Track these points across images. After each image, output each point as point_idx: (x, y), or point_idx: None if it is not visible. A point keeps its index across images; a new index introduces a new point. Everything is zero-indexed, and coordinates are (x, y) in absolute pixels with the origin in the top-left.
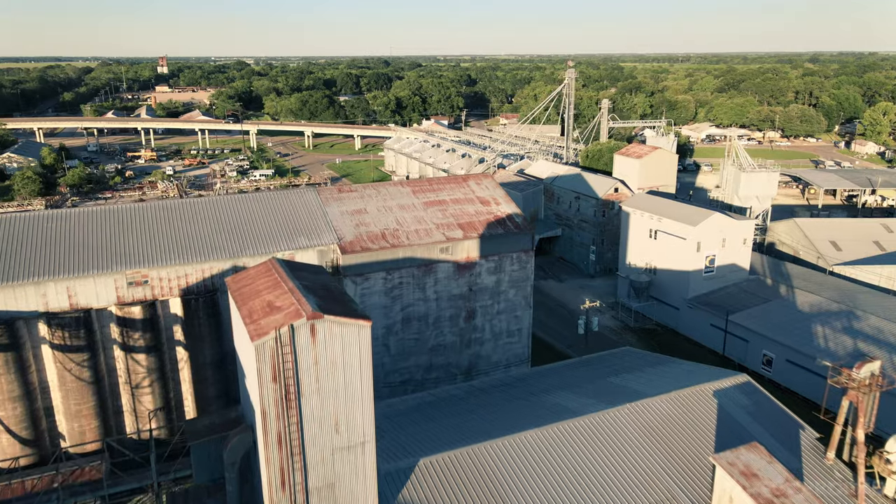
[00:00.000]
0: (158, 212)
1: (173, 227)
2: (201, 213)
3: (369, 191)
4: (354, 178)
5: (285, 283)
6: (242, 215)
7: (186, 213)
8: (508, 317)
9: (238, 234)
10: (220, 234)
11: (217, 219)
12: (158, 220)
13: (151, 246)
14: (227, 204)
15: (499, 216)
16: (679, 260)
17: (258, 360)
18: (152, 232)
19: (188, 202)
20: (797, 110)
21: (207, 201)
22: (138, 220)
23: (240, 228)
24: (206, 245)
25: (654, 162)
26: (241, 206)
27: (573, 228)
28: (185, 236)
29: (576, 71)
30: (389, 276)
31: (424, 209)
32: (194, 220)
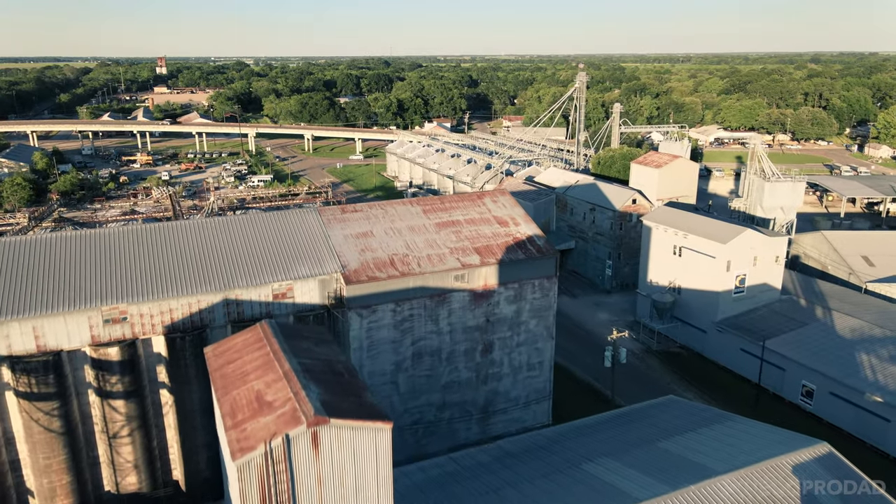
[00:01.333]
0: (140, 237)
1: (157, 254)
2: (189, 237)
3: (376, 211)
4: (356, 184)
5: (280, 363)
6: (236, 240)
7: (172, 238)
8: (529, 349)
9: (230, 262)
10: (209, 263)
11: (207, 244)
12: (140, 247)
13: (131, 277)
14: (219, 227)
15: (518, 238)
16: (706, 279)
17: (242, 480)
18: (133, 261)
19: (174, 226)
20: (808, 113)
21: (196, 224)
22: (117, 248)
23: (232, 255)
24: (193, 275)
25: (674, 171)
26: (234, 230)
27: (588, 241)
28: (171, 265)
29: (587, 74)
30: (399, 307)
31: (437, 231)
32: (181, 247)
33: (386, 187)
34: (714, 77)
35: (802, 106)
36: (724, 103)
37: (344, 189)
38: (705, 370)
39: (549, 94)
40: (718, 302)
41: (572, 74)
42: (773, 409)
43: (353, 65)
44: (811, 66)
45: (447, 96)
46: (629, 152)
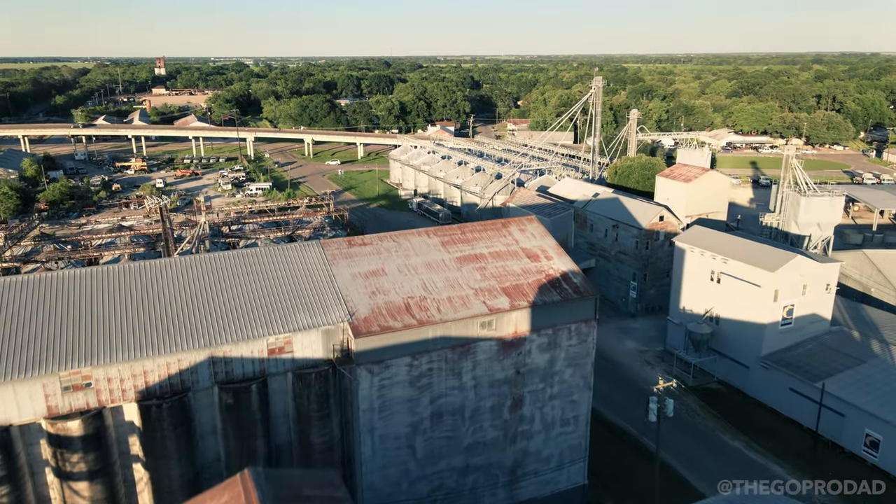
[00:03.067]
0: (108, 280)
1: (129, 302)
2: (169, 281)
3: (388, 243)
4: (358, 192)
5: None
6: (224, 283)
7: (148, 281)
8: (563, 402)
9: (218, 310)
10: (193, 312)
11: (190, 289)
12: (108, 294)
13: (97, 333)
14: (204, 267)
15: (552, 276)
16: (750, 309)
17: None
18: (99, 311)
19: (150, 267)
20: (823, 117)
21: (177, 264)
22: (80, 295)
23: (220, 302)
24: (173, 329)
25: (705, 186)
26: (222, 270)
27: (610, 260)
28: (146, 316)
29: (603, 79)
30: (416, 361)
31: (458, 267)
32: (159, 293)
33: (390, 195)
34: (721, 79)
35: (815, 109)
36: (734, 106)
37: (346, 197)
38: (749, 411)
39: (556, 96)
40: (763, 335)
41: (575, 76)
42: (833, 461)
43: (354, 65)
44: (816, 67)
45: (450, 99)
46: (648, 162)
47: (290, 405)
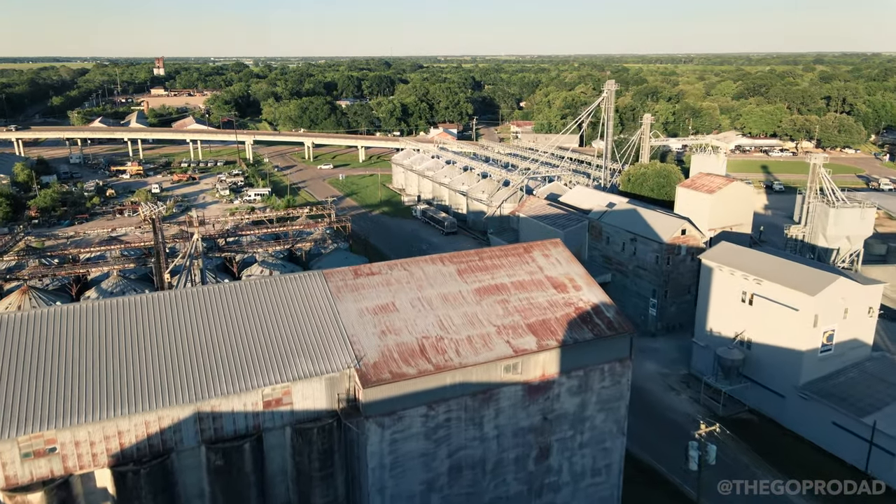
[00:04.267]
0: (79, 321)
1: (103, 348)
2: (149, 321)
3: (398, 272)
4: (360, 198)
5: None
6: (214, 322)
7: (126, 321)
8: (594, 450)
9: (207, 355)
10: (177, 358)
11: (174, 331)
12: (78, 339)
13: (64, 388)
14: (191, 303)
15: (582, 309)
16: (786, 335)
17: None
18: (66, 361)
19: (129, 304)
20: (834, 119)
21: (160, 300)
22: (44, 341)
23: (209, 346)
24: (154, 380)
25: (729, 197)
26: (212, 305)
27: (627, 275)
28: (122, 365)
29: (616, 83)
30: (432, 411)
31: (478, 300)
32: (137, 336)
33: (392, 201)
34: (726, 80)
35: (824, 111)
36: (743, 108)
37: (347, 203)
38: (787, 446)
39: (560, 98)
40: (802, 363)
41: (578, 76)
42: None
43: (354, 65)
44: (820, 67)
45: (453, 101)
46: (663, 169)
47: (288, 463)
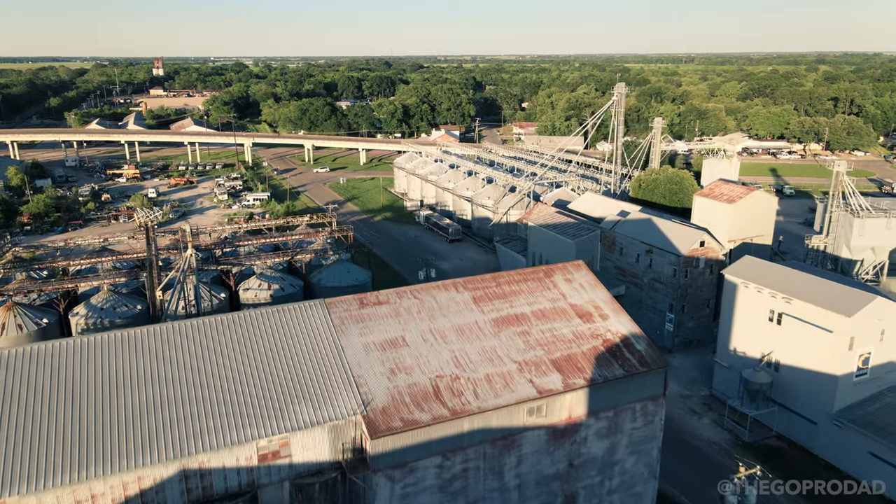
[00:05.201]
0: (49, 363)
1: (74, 396)
2: (130, 360)
3: (407, 301)
4: (361, 203)
5: None
6: (203, 362)
7: (102, 361)
8: (624, 496)
9: (194, 404)
10: (160, 408)
11: (157, 373)
12: (46, 385)
13: (25, 445)
14: (178, 338)
15: (610, 342)
16: (818, 357)
17: None
18: (30, 413)
19: (107, 342)
20: (843, 121)
21: (142, 336)
22: (7, 387)
23: (197, 392)
24: (132, 433)
25: (750, 207)
26: (201, 342)
27: (642, 288)
28: (95, 416)
29: (630, 88)
30: (448, 461)
31: (496, 332)
32: (115, 379)
33: (395, 206)
34: (731, 80)
35: (832, 113)
36: (749, 110)
37: (348, 209)
38: (820, 477)
39: (564, 99)
40: (836, 388)
41: (579, 77)
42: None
43: (354, 65)
44: (823, 68)
45: (455, 102)
46: (675, 175)
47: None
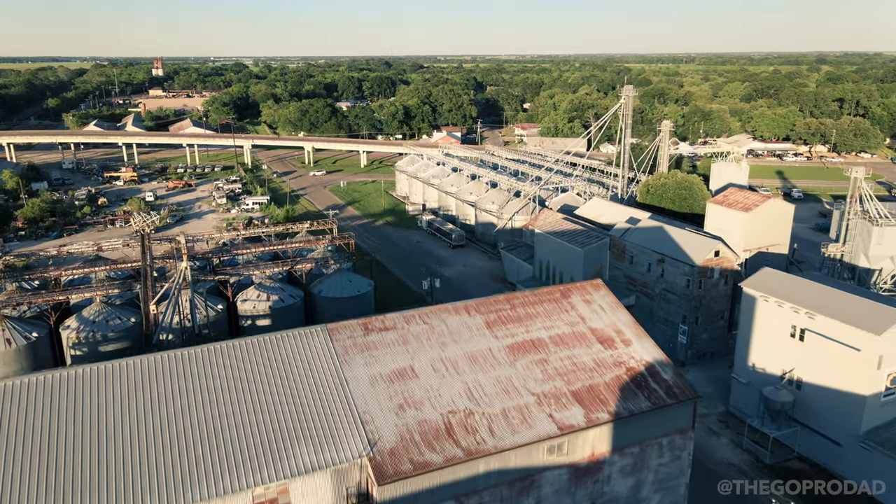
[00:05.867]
0: (18, 403)
1: (48, 439)
2: (110, 397)
3: (416, 327)
4: (362, 207)
5: None
6: (193, 399)
7: (82, 398)
8: None
9: (182, 447)
10: (144, 452)
11: (140, 412)
12: (18, 424)
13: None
14: (166, 371)
15: (634, 370)
16: (844, 376)
17: None
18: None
19: (89, 376)
20: (849, 122)
21: (127, 370)
22: None
23: (186, 433)
24: (112, 483)
25: (766, 215)
26: (191, 376)
27: (654, 299)
28: (67, 463)
29: (635, 89)
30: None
31: (512, 361)
32: (91, 420)
33: (397, 210)
34: (734, 81)
35: (838, 114)
36: (754, 111)
37: (349, 213)
38: (847, 503)
39: (566, 101)
40: (863, 408)
41: (581, 77)
42: None
43: (354, 66)
44: (826, 68)
45: (456, 103)
46: (684, 180)
47: None
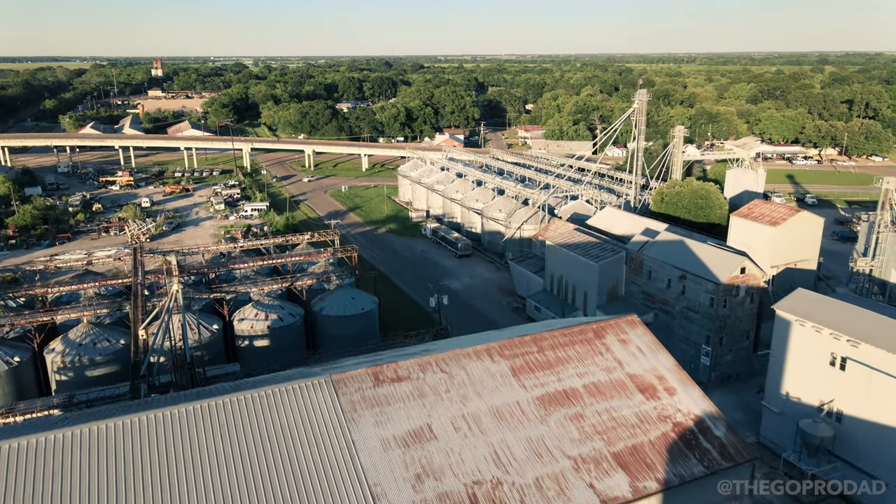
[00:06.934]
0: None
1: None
2: (96, 464)
3: (433, 376)
4: (364, 213)
5: None
6: (181, 466)
7: (34, 479)
8: None
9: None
10: None
11: (126, 478)
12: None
13: None
14: (139, 436)
15: (682, 425)
16: (891, 410)
17: None
18: None
19: (62, 439)
20: (860, 125)
21: (93, 436)
22: None
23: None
24: None
25: (795, 230)
26: (172, 444)
27: (674, 317)
28: None
29: (649, 93)
30: None
31: (543, 416)
32: (74, 490)
33: (399, 217)
34: (740, 82)
35: (847, 116)
36: (762, 113)
37: (351, 219)
38: None
39: (571, 102)
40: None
41: (583, 77)
42: None
43: (354, 66)
44: (830, 68)
45: (459, 105)
46: (700, 188)
47: None
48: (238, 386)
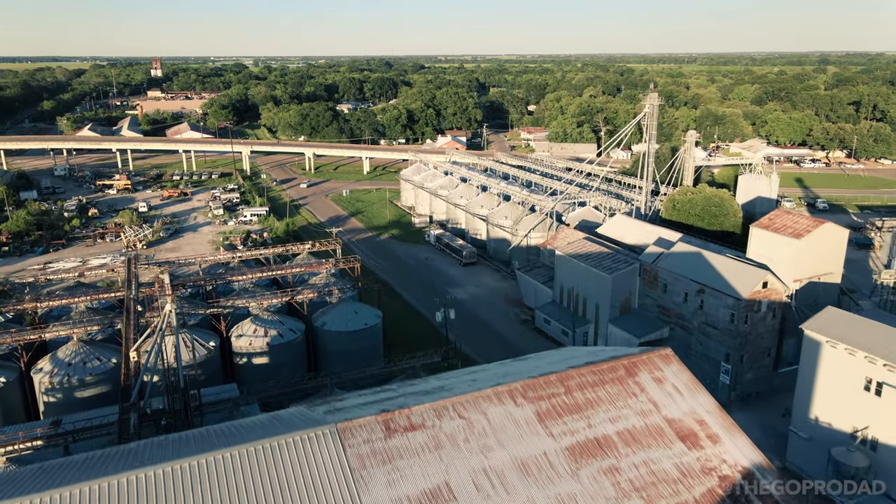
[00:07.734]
0: None
1: None
2: None
3: (450, 423)
4: (366, 219)
5: None
6: None
7: None
8: None
9: None
10: None
11: None
12: None
13: None
14: (145, 493)
15: (729, 479)
16: None
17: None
18: None
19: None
20: (869, 127)
21: (95, 491)
22: None
23: None
24: None
25: (819, 242)
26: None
27: (691, 333)
28: None
29: (660, 97)
30: None
31: (573, 470)
32: None
33: (402, 223)
34: (743, 83)
35: (855, 118)
36: (768, 115)
37: (352, 225)
38: None
39: (574, 104)
40: None
41: (584, 78)
42: None
43: (355, 66)
44: (832, 68)
45: (461, 106)
46: (714, 196)
47: None
48: (233, 433)
